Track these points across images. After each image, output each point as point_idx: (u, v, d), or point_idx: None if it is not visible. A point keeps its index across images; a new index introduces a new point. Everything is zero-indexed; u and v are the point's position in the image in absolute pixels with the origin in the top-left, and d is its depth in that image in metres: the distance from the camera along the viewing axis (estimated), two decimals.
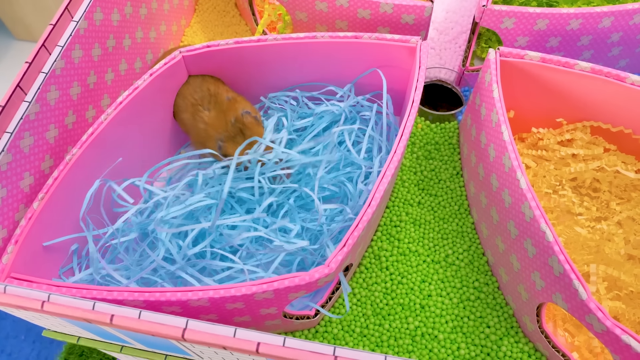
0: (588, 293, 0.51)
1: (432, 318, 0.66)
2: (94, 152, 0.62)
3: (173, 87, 0.71)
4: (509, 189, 0.60)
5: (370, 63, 0.72)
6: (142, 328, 0.42)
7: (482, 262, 0.70)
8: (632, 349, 0.49)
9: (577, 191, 0.72)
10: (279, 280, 0.51)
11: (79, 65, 0.65)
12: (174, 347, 0.56)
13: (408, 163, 0.78)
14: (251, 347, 0.41)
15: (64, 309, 0.43)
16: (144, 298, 0.51)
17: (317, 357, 0.40)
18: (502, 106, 0.62)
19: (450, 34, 0.92)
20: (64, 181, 0.60)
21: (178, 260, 0.62)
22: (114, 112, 0.63)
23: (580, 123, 0.72)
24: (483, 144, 0.66)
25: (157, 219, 0.62)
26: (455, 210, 0.74)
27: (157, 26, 0.83)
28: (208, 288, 0.51)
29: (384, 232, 0.72)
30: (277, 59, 0.72)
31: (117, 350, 0.64)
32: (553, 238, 0.53)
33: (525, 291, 0.61)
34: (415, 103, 0.63)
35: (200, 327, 0.42)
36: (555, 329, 0.65)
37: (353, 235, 0.54)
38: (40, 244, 0.58)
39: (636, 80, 0.65)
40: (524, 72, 0.69)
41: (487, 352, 0.64)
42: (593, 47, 0.77)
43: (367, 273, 0.69)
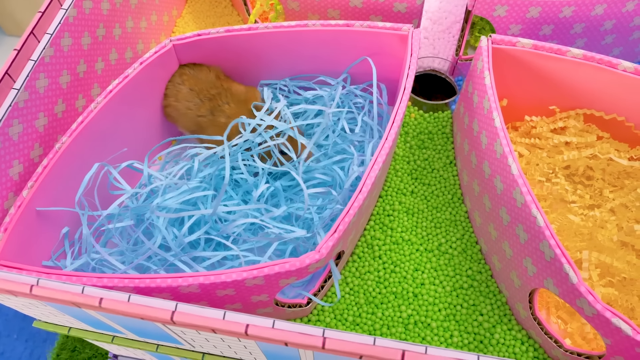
0: (578, 277, 0.51)
1: (425, 306, 0.67)
2: (84, 140, 0.63)
3: (163, 76, 0.71)
4: (500, 175, 0.60)
5: (363, 51, 0.72)
6: (131, 311, 0.43)
7: (475, 251, 0.71)
8: (622, 332, 0.49)
9: (570, 179, 0.73)
10: (270, 266, 0.51)
11: (68, 53, 0.65)
12: (166, 336, 0.56)
13: (401, 152, 0.79)
14: (240, 329, 0.41)
15: (53, 293, 0.43)
16: (134, 284, 0.51)
17: (306, 338, 0.41)
18: (493, 93, 0.63)
19: (443, 24, 0.93)
20: (54, 170, 0.60)
21: (174, 248, 0.62)
22: (104, 100, 0.64)
23: (574, 111, 0.73)
24: (475, 131, 0.67)
25: (152, 206, 0.63)
26: (448, 199, 0.75)
27: (148, 16, 0.83)
28: (198, 274, 0.51)
29: (377, 221, 0.73)
30: (269, 47, 0.72)
31: (108, 340, 0.64)
32: (544, 223, 0.54)
33: (517, 278, 0.62)
34: (406, 90, 0.63)
35: (190, 310, 0.43)
36: (548, 316, 0.66)
37: (344, 222, 0.54)
38: (29, 232, 0.58)
39: (628, 67, 0.65)
40: (516, 59, 0.69)
41: (480, 339, 0.65)
42: (586, 35, 0.78)
43: (360, 262, 0.70)
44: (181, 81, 0.72)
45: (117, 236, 0.65)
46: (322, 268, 0.67)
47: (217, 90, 0.72)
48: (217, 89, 0.72)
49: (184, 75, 0.72)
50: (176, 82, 0.72)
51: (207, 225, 0.64)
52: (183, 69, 0.73)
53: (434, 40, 0.92)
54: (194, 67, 0.73)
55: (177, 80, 0.72)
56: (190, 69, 0.73)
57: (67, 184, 0.62)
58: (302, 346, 0.42)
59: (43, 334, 1.10)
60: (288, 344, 0.42)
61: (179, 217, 0.65)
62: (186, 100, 0.72)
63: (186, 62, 0.73)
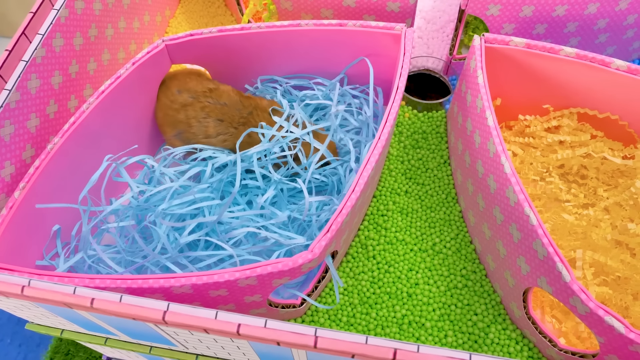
0: (571, 275, 0.52)
1: (419, 306, 0.67)
2: (76, 141, 0.63)
3: (156, 76, 0.72)
4: (493, 174, 0.61)
5: (356, 51, 0.73)
6: (123, 311, 0.43)
7: (470, 250, 0.71)
8: (615, 330, 0.50)
9: (564, 178, 0.74)
10: (262, 266, 0.52)
11: (60, 54, 0.66)
12: (159, 337, 0.56)
13: (395, 152, 0.79)
14: (232, 329, 0.42)
15: (44, 294, 0.44)
16: (127, 285, 0.51)
17: (298, 337, 0.41)
18: (486, 92, 0.63)
19: (437, 23, 0.94)
20: (46, 170, 0.60)
21: (170, 251, 0.62)
22: (96, 101, 0.64)
23: (567, 110, 0.74)
24: (469, 130, 0.68)
25: (158, 211, 0.63)
26: (442, 199, 0.75)
27: (140, 16, 0.84)
28: (190, 274, 0.52)
29: (371, 221, 0.73)
30: (262, 47, 0.73)
31: (101, 342, 0.65)
32: (537, 221, 0.54)
33: (511, 277, 0.62)
34: (399, 89, 0.64)
35: (182, 310, 0.43)
36: (543, 315, 0.66)
37: (337, 221, 0.55)
38: (22, 233, 0.59)
39: (621, 66, 0.66)
40: (509, 58, 0.70)
41: (474, 339, 0.65)
42: (580, 34, 0.79)
43: (354, 262, 0.70)
44: (206, 114, 0.70)
45: (116, 235, 0.65)
46: (316, 268, 0.67)
47: (247, 110, 0.70)
48: (247, 109, 0.70)
49: (206, 108, 0.70)
50: (200, 118, 0.70)
51: (208, 228, 0.64)
52: (201, 101, 0.70)
53: (428, 39, 0.92)
54: (210, 93, 0.70)
55: (200, 116, 0.70)
56: (208, 97, 0.70)
57: (59, 184, 0.63)
58: (294, 345, 0.42)
59: (36, 338, 1.10)
60: (280, 344, 0.43)
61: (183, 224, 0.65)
62: (220, 134, 0.70)
63: (179, 62, 0.73)
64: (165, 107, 0.72)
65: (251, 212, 0.65)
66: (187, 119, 0.70)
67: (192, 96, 0.70)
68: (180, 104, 0.70)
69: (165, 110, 0.72)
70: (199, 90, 0.70)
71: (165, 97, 0.72)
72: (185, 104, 0.70)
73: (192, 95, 0.70)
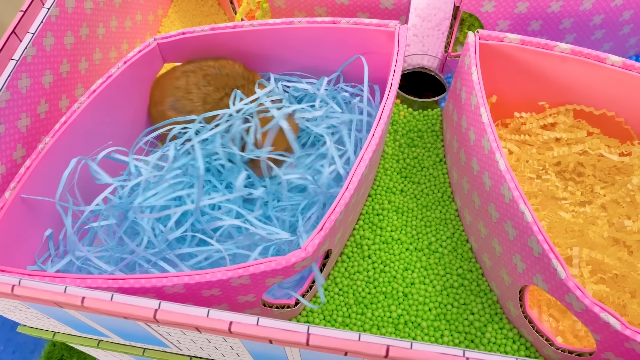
0: (567, 272, 0.52)
1: (415, 306, 0.68)
2: (67, 141, 0.63)
3: (148, 75, 0.72)
4: (488, 171, 0.61)
5: (350, 49, 0.73)
6: (114, 310, 0.43)
7: (466, 249, 0.72)
8: (611, 327, 0.50)
9: (561, 175, 0.74)
10: (255, 264, 0.52)
11: (51, 53, 0.66)
12: (152, 338, 0.57)
13: (390, 151, 0.80)
14: (223, 327, 0.42)
15: (35, 293, 0.44)
16: (118, 285, 0.52)
17: (291, 335, 0.42)
18: (480, 88, 0.64)
19: (433, 21, 0.94)
20: (37, 171, 0.61)
21: (158, 245, 0.62)
22: (88, 100, 0.64)
23: (563, 107, 0.74)
24: (464, 128, 0.68)
25: (135, 206, 0.63)
26: (438, 198, 0.76)
27: (132, 15, 0.84)
28: (183, 274, 0.52)
29: (366, 220, 0.74)
30: (255, 45, 0.73)
31: (94, 345, 0.65)
32: (532, 218, 0.55)
33: (507, 275, 0.63)
34: (393, 87, 0.64)
35: (173, 308, 0.43)
36: (540, 314, 0.67)
37: (330, 219, 0.55)
38: (12, 235, 0.59)
39: (616, 62, 0.66)
40: (504, 55, 0.70)
41: (471, 338, 0.66)
42: (575, 31, 0.79)
43: (349, 262, 0.71)
44: (207, 82, 0.71)
45: (102, 235, 0.66)
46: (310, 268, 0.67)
47: (241, 82, 0.72)
48: (241, 81, 0.72)
49: (208, 76, 0.71)
50: (201, 85, 0.71)
51: (192, 218, 0.64)
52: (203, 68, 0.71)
53: (423, 37, 0.93)
54: (214, 63, 0.72)
55: (201, 83, 0.71)
56: (212, 67, 0.71)
57: (50, 185, 0.63)
58: (286, 343, 0.43)
59: (30, 345, 1.10)
60: (273, 342, 0.43)
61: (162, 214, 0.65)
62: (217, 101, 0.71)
63: (171, 61, 0.73)
64: (164, 81, 0.73)
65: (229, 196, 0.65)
66: (187, 85, 0.71)
67: (196, 65, 0.72)
68: (182, 71, 0.71)
69: (164, 83, 0.73)
70: (202, 62, 0.72)
71: (167, 75, 0.73)
72: (187, 71, 0.71)
73: (196, 65, 0.72)
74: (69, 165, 0.65)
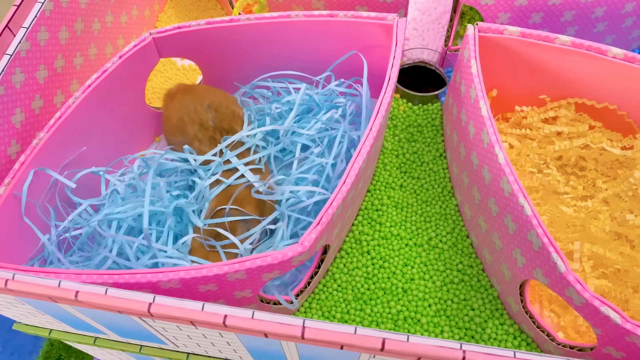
0: (566, 265, 0.52)
1: (414, 302, 0.68)
2: (62, 136, 0.64)
3: (144, 70, 0.72)
4: (488, 165, 0.62)
5: (347, 42, 0.73)
6: (109, 304, 0.44)
7: (466, 244, 0.72)
8: (611, 321, 0.50)
9: (562, 170, 0.74)
10: (251, 259, 0.53)
11: (45, 48, 0.66)
12: (148, 334, 0.57)
13: (390, 146, 0.80)
14: (218, 320, 0.42)
15: (29, 287, 0.44)
16: (113, 280, 0.52)
17: (286, 328, 0.42)
18: (480, 81, 0.64)
19: (433, 14, 0.94)
20: (31, 167, 0.61)
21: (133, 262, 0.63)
22: (83, 95, 0.65)
23: (565, 100, 0.74)
24: (463, 122, 0.68)
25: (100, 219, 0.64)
26: (438, 193, 0.76)
27: (128, 10, 0.85)
28: (178, 269, 0.52)
29: (365, 216, 0.74)
30: (251, 40, 0.73)
31: (90, 342, 0.65)
32: (531, 212, 0.55)
33: (507, 270, 0.63)
34: (391, 80, 0.65)
35: (168, 302, 0.44)
36: (541, 310, 0.67)
37: (327, 214, 0.55)
38: (5, 232, 0.59)
39: (618, 54, 0.67)
40: (504, 48, 0.71)
41: (471, 334, 0.66)
42: (577, 23, 0.79)
43: (348, 258, 0.71)
44: (207, 145, 0.71)
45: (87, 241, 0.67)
46: (309, 265, 0.68)
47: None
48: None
49: (211, 139, 0.71)
50: (202, 145, 0.71)
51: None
52: (211, 132, 0.71)
53: (423, 31, 0.93)
54: (221, 126, 0.72)
55: (204, 142, 0.71)
56: (218, 132, 0.71)
57: (44, 181, 0.63)
58: (282, 337, 0.43)
59: (29, 346, 1.11)
60: (268, 335, 0.43)
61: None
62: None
63: (167, 56, 0.74)
64: (186, 112, 0.72)
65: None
66: (195, 136, 0.71)
67: (213, 121, 0.71)
68: (199, 120, 0.71)
69: (183, 116, 0.72)
70: (220, 118, 0.71)
71: (192, 104, 0.72)
72: (202, 124, 0.71)
73: (213, 120, 0.71)
74: (64, 161, 0.65)
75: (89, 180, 0.69)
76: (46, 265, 0.65)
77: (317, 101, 0.75)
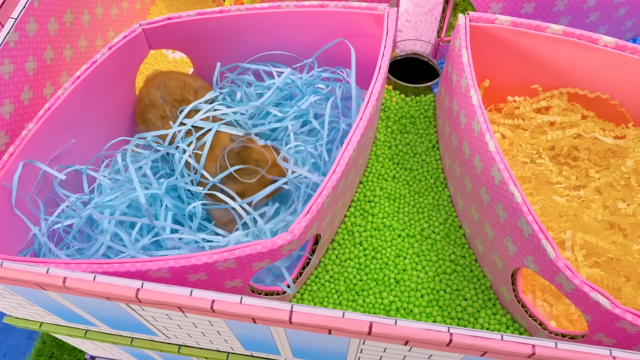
0: (556, 252, 0.53)
1: (407, 292, 0.69)
2: (52, 128, 0.64)
3: (134, 62, 0.73)
4: (479, 154, 0.62)
5: (338, 33, 0.74)
6: (97, 290, 0.44)
7: (459, 235, 0.73)
8: (601, 306, 0.51)
9: (555, 160, 0.75)
10: (241, 248, 0.53)
11: (34, 39, 0.67)
12: (139, 325, 0.58)
13: (382, 137, 0.81)
14: (206, 305, 0.43)
15: (17, 274, 0.45)
16: (102, 269, 0.53)
17: (273, 312, 0.43)
18: (470, 70, 0.65)
19: (426, 6, 0.95)
20: (20, 158, 0.62)
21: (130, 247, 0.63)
22: (72, 86, 0.65)
23: (557, 90, 0.75)
24: (455, 111, 0.69)
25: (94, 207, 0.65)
26: (431, 184, 0.77)
27: (119, 3, 0.85)
28: (168, 258, 0.53)
29: (358, 207, 0.75)
30: (242, 30, 0.74)
31: (81, 335, 0.66)
32: (521, 199, 0.56)
33: (499, 259, 0.64)
34: (382, 70, 0.66)
35: (156, 288, 0.44)
36: (534, 299, 0.68)
37: (317, 202, 0.56)
38: None
39: (609, 42, 0.67)
40: (496, 38, 0.71)
41: (464, 324, 0.67)
42: (569, 13, 0.80)
43: (340, 249, 0.72)
44: (162, 125, 0.72)
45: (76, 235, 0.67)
46: (300, 255, 0.68)
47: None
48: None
49: (164, 118, 0.72)
50: (159, 125, 0.72)
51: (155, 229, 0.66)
52: (164, 109, 0.72)
53: (416, 23, 0.94)
54: (179, 104, 0.72)
55: (159, 124, 0.72)
56: (172, 107, 0.72)
57: (34, 172, 0.64)
58: (270, 321, 0.44)
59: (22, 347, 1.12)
60: (256, 320, 0.44)
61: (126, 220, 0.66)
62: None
63: (157, 47, 0.74)
64: (141, 98, 0.74)
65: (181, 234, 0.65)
66: (152, 121, 0.72)
67: (162, 97, 0.72)
68: (150, 101, 0.72)
69: (139, 103, 0.74)
70: (169, 92, 0.72)
71: (145, 88, 0.74)
72: (153, 104, 0.72)
73: (162, 97, 0.72)
74: (53, 153, 0.66)
75: (78, 173, 0.70)
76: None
77: (299, 86, 0.75)
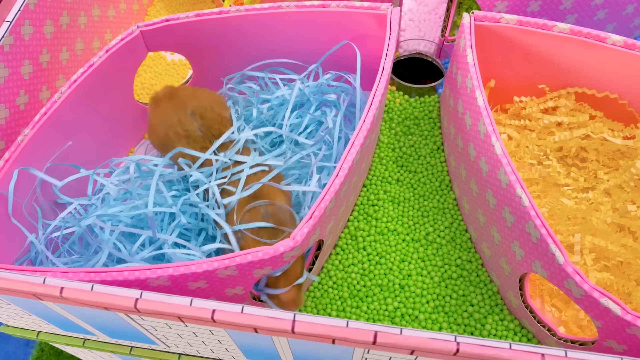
0: (565, 256, 0.53)
1: (412, 298, 0.68)
2: (48, 133, 0.64)
3: (131, 65, 0.73)
4: (485, 156, 0.62)
5: (340, 33, 0.74)
6: (95, 300, 0.44)
7: (465, 239, 0.72)
8: (611, 313, 0.51)
9: (563, 161, 0.75)
10: (242, 255, 0.53)
11: (29, 42, 0.67)
12: (138, 334, 0.58)
13: (386, 140, 0.80)
14: (206, 315, 0.43)
15: (13, 284, 0.45)
16: (101, 278, 0.52)
17: (276, 322, 0.42)
18: (476, 71, 0.64)
19: (429, 5, 0.95)
20: (16, 164, 0.61)
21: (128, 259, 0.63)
22: (68, 90, 0.65)
23: (564, 90, 0.75)
24: (460, 113, 0.69)
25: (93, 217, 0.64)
26: (436, 187, 0.76)
27: (116, 4, 0.85)
28: (167, 265, 0.53)
29: (361, 211, 0.74)
30: (241, 32, 0.74)
31: (79, 344, 0.66)
32: (529, 203, 0.56)
33: (507, 264, 0.63)
34: (385, 71, 0.65)
35: (155, 297, 0.44)
36: (542, 305, 0.67)
37: (320, 208, 0.56)
38: None
39: (617, 41, 0.67)
40: (501, 37, 0.71)
41: (470, 331, 0.66)
42: (576, 11, 0.80)
43: (344, 254, 0.72)
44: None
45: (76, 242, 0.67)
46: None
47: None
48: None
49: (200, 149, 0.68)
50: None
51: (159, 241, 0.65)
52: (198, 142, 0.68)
53: (420, 22, 0.93)
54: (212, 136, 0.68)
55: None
56: (207, 141, 0.68)
57: (30, 179, 0.64)
58: (272, 331, 0.43)
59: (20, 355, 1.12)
60: (258, 330, 0.44)
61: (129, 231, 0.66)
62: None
63: (155, 50, 0.74)
64: (171, 125, 0.68)
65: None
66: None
67: (200, 129, 0.68)
68: (185, 132, 0.68)
69: (168, 131, 0.69)
70: (207, 125, 0.68)
71: (175, 115, 0.68)
72: (189, 136, 0.68)
73: (200, 129, 0.68)
74: (50, 158, 0.66)
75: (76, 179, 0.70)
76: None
77: (308, 95, 0.75)
